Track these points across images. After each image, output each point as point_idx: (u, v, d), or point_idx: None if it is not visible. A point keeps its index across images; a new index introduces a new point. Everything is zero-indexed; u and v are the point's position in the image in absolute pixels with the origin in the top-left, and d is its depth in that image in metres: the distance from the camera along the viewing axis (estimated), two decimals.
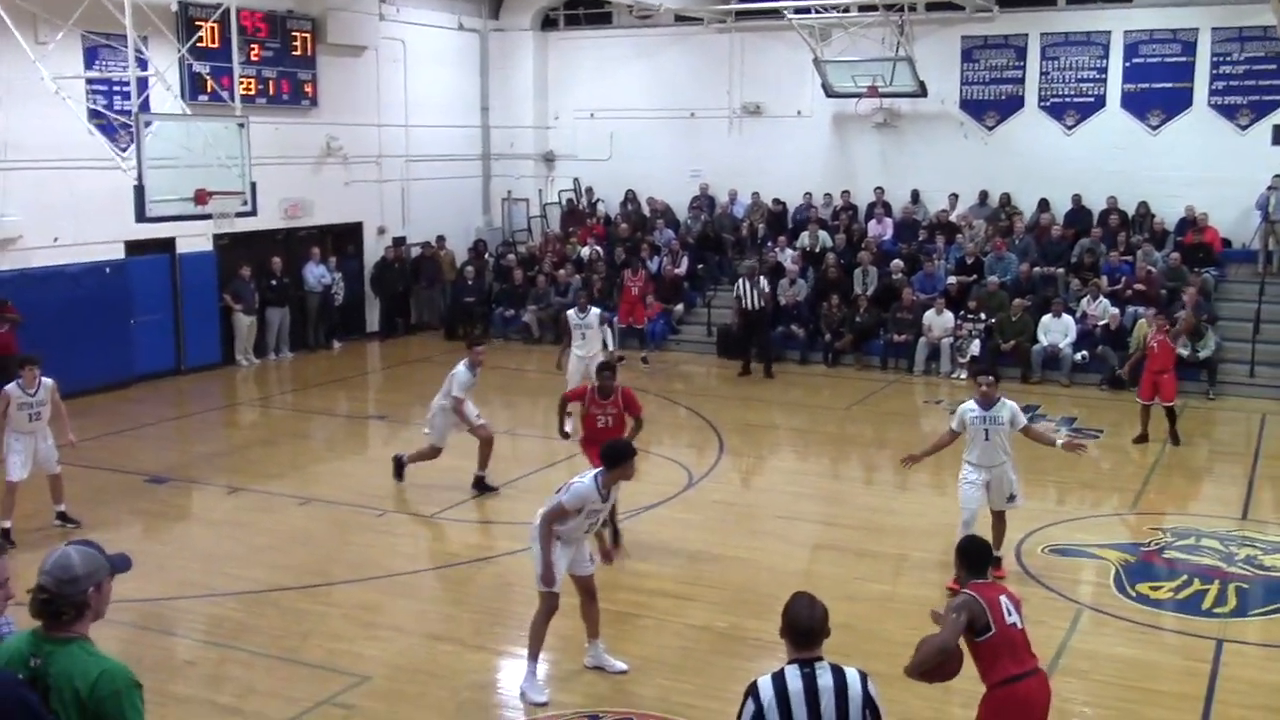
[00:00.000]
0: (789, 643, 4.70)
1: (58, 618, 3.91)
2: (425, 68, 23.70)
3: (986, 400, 10.15)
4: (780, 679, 4.55)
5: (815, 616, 4.67)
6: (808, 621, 4.66)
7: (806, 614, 4.68)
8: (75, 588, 3.91)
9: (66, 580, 3.90)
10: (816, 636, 4.66)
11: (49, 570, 3.89)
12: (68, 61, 16.24)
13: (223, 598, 9.94)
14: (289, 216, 20.90)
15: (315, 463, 14.26)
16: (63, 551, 3.96)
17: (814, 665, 4.59)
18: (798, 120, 23.82)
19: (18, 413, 11.22)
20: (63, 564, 3.91)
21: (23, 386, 11.31)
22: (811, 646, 4.65)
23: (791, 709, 4.48)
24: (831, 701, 4.50)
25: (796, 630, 4.66)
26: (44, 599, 3.89)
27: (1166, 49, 21.17)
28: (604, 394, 10.97)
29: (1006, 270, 20.24)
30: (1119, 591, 9.93)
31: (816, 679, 4.53)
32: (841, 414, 16.97)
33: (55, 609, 3.89)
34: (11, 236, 16.49)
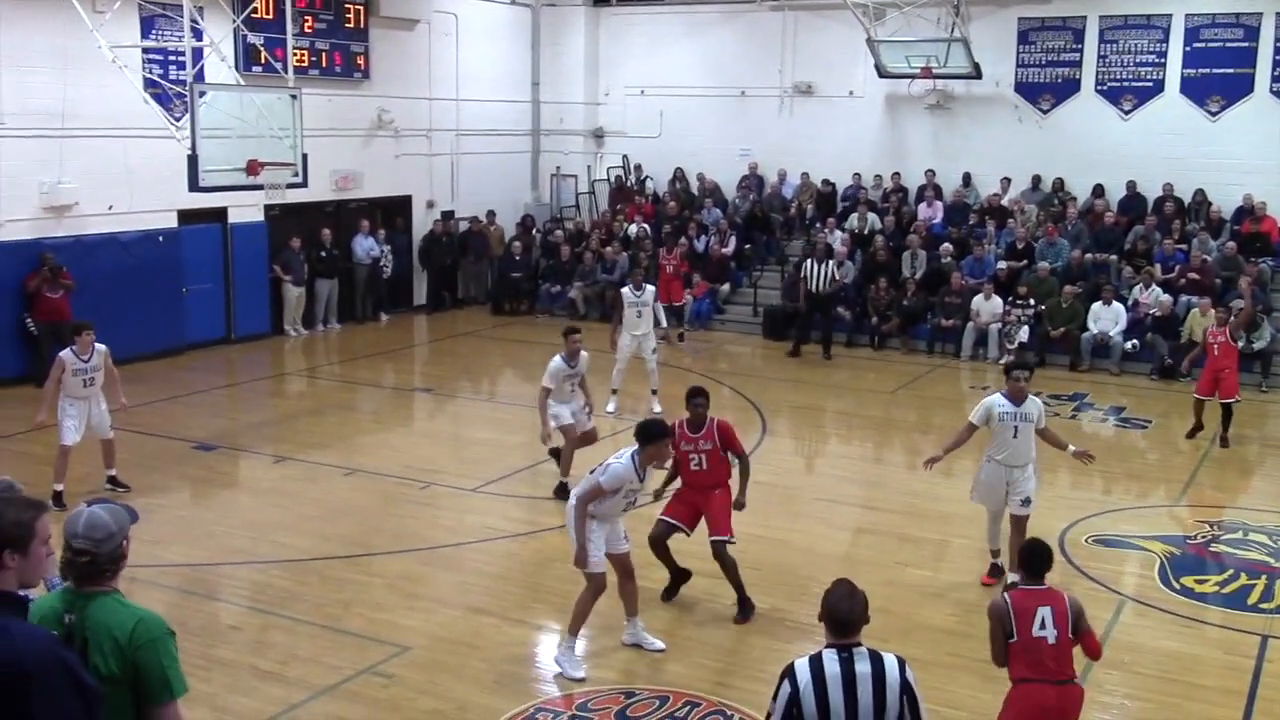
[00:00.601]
0: (828, 629, 4.72)
1: (100, 575, 3.98)
2: (477, 42, 23.72)
3: (1019, 395, 9.49)
4: (818, 662, 4.57)
5: (855, 606, 4.68)
6: (847, 612, 4.67)
7: (846, 603, 4.68)
8: (112, 543, 4.00)
9: (103, 539, 3.97)
10: (855, 625, 4.67)
11: (83, 532, 3.95)
12: (125, 31, 16.40)
13: (267, 565, 10.06)
14: (339, 188, 21.04)
15: (360, 434, 14.39)
16: (90, 511, 4.02)
17: (852, 651, 4.60)
18: (849, 100, 23.63)
19: (72, 379, 11.38)
20: (95, 523, 3.98)
21: (77, 353, 11.47)
22: (850, 634, 4.66)
23: (828, 693, 4.49)
24: (869, 688, 4.50)
25: (835, 619, 4.67)
26: (86, 560, 3.95)
27: (1229, 34, 20.77)
28: (695, 426, 9.25)
29: (1058, 256, 20.01)
30: (1164, 584, 9.83)
31: (854, 664, 4.54)
32: (886, 398, 16.88)
33: (99, 568, 3.97)
34: (67, 204, 16.72)
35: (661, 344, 17.40)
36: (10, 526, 3.65)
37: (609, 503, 8.06)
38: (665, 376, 17.97)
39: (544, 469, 12.89)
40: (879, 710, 4.51)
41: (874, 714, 4.51)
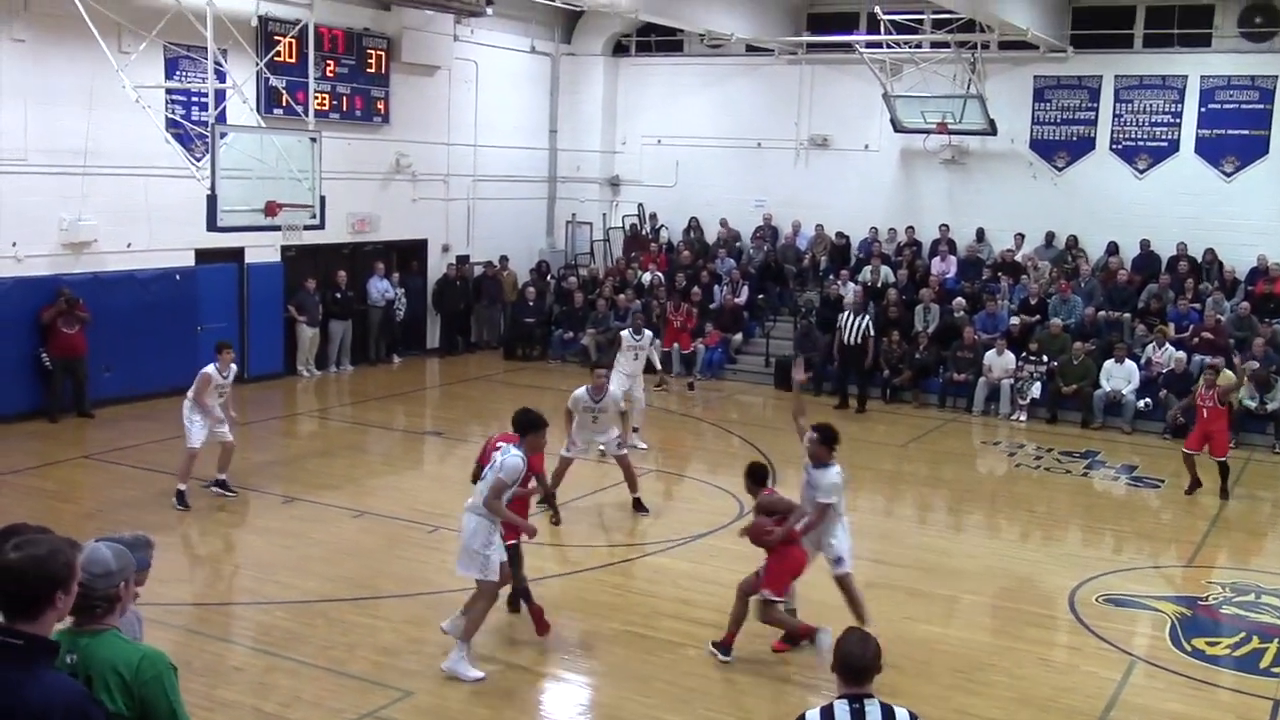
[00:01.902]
0: (840, 678, 4.67)
1: (90, 611, 3.99)
2: (496, 89, 23.95)
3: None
4: (829, 713, 4.55)
5: (867, 653, 4.66)
6: (859, 658, 4.64)
7: (859, 650, 4.66)
8: (108, 582, 4.01)
9: (100, 575, 3.99)
10: (868, 673, 4.64)
11: (84, 566, 3.96)
12: (149, 71, 16.63)
13: (273, 606, 10.04)
14: (356, 231, 21.18)
15: (370, 476, 14.38)
16: (93, 547, 4.05)
17: (863, 701, 4.57)
18: (865, 154, 23.77)
19: (213, 392, 12.65)
20: (95, 559, 4.01)
21: (219, 369, 12.71)
22: (862, 683, 4.63)
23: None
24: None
25: (848, 666, 4.64)
26: (79, 594, 3.96)
27: (1243, 95, 20.87)
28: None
29: (1071, 313, 20.01)
30: (1174, 645, 9.74)
31: (865, 715, 4.52)
32: (897, 451, 16.84)
33: (89, 603, 3.97)
34: (87, 240, 16.86)
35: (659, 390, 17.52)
36: (62, 568, 3.68)
37: (506, 496, 8.58)
38: (676, 425, 17.99)
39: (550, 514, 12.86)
40: None
41: None
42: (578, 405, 12.73)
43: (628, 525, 12.55)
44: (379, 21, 21.13)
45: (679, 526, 12.43)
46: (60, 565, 3.67)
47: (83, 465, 14.33)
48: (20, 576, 3.61)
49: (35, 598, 3.62)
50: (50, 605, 3.65)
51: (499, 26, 23.46)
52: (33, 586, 3.61)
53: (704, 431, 17.78)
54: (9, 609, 3.63)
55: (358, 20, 20.68)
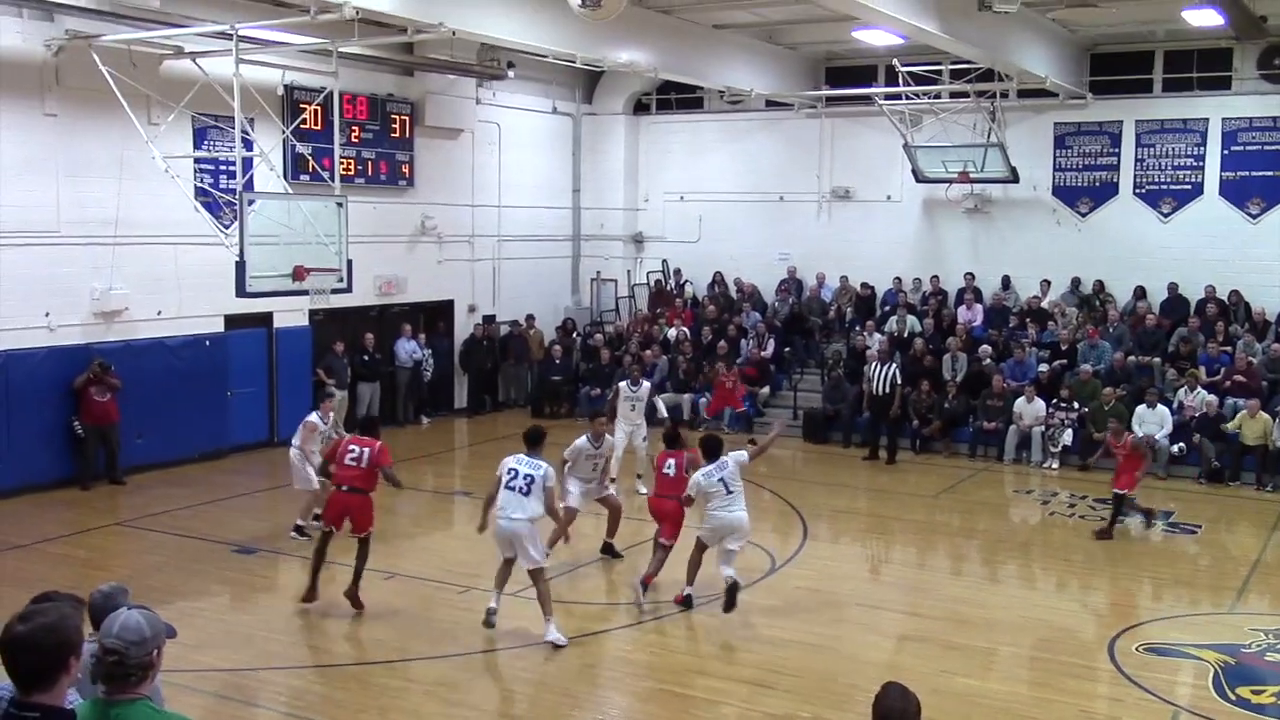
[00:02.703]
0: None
1: (126, 679, 3.97)
2: (519, 150, 24.19)
3: None
4: None
5: (909, 708, 4.56)
6: (900, 713, 4.54)
7: (900, 705, 4.56)
8: (143, 649, 3.99)
9: (136, 642, 3.97)
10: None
11: (118, 634, 3.95)
12: (178, 142, 16.89)
13: (305, 670, 10.00)
14: (383, 293, 21.33)
15: (401, 537, 14.35)
16: (127, 614, 4.03)
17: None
18: (887, 205, 23.82)
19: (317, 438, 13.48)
20: (131, 626, 3.99)
21: (321, 416, 13.69)
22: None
23: None
24: None
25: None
26: (114, 660, 3.95)
27: (1266, 137, 20.83)
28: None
29: (1100, 359, 19.88)
30: (1218, 694, 9.56)
31: None
32: (929, 502, 16.70)
33: (125, 671, 3.96)
34: (118, 309, 17.04)
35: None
36: (74, 632, 3.69)
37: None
38: None
39: (581, 573, 12.82)
40: None
41: None
42: (579, 455, 12.79)
43: (659, 582, 12.45)
44: (402, 87, 21.42)
45: (711, 582, 12.32)
46: (72, 630, 3.69)
47: (115, 532, 14.38)
48: (34, 647, 3.62)
49: (49, 667, 3.63)
50: (65, 672, 3.66)
51: (520, 89, 23.74)
52: (47, 656, 3.62)
53: None
54: (24, 682, 3.63)
55: (381, 86, 20.97)
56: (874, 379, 19.39)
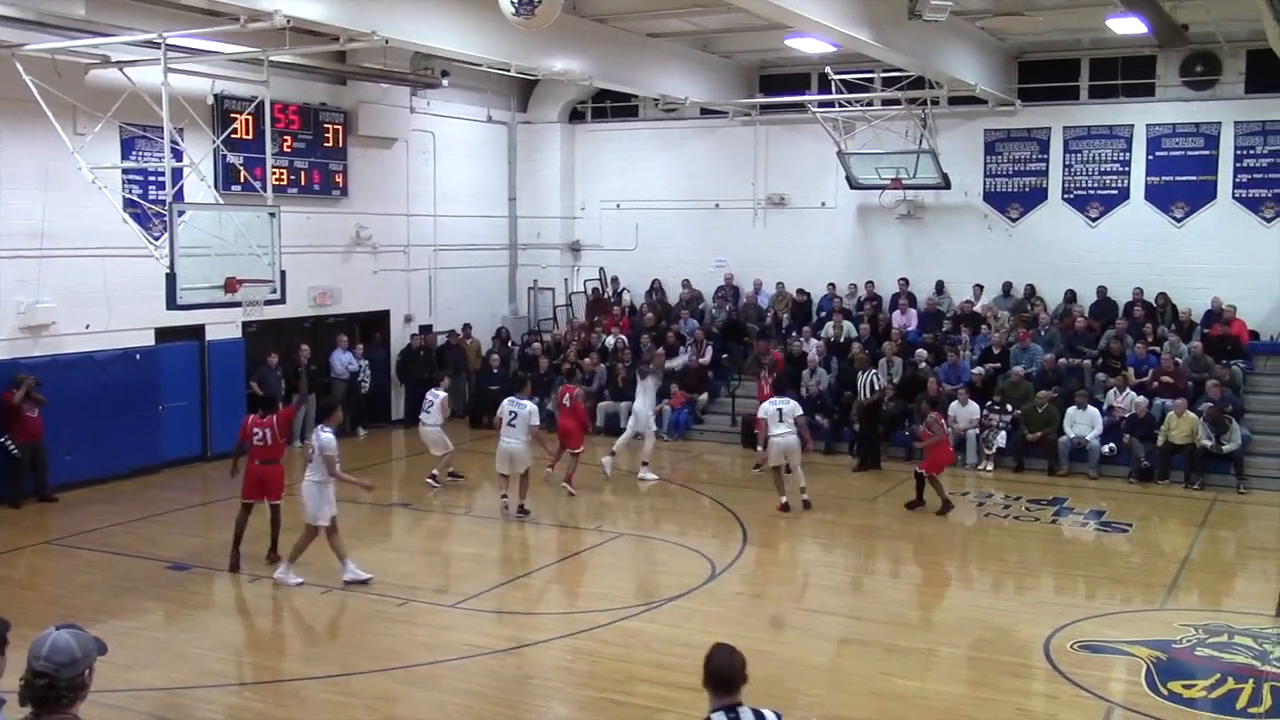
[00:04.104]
0: (712, 691, 5.03)
1: (57, 701, 3.90)
2: (454, 159, 24.08)
3: None
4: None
5: (735, 663, 5.05)
6: (728, 668, 5.02)
7: (728, 661, 5.05)
8: (74, 670, 3.93)
9: (67, 664, 3.90)
10: (737, 683, 5.03)
11: (47, 656, 3.88)
12: (105, 152, 16.60)
13: (243, 687, 9.86)
14: (317, 304, 21.12)
15: None
16: (55, 635, 3.96)
17: (738, 710, 4.96)
18: (822, 211, 24.03)
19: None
20: (61, 647, 3.92)
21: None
22: (733, 692, 5.01)
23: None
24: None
25: (719, 678, 5.03)
26: (44, 684, 3.88)
27: (1189, 142, 21.31)
28: None
29: (1031, 361, 20.19)
30: (1151, 690, 9.73)
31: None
32: (867, 506, 16.84)
33: (56, 694, 3.89)
34: (45, 323, 16.72)
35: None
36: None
37: None
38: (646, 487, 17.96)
39: (522, 583, 12.76)
40: None
41: None
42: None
43: (599, 590, 12.46)
44: (335, 96, 21.25)
45: (652, 589, 12.36)
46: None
47: (45, 551, 14.10)
48: None
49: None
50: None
51: (455, 97, 23.64)
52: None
53: (673, 493, 17.73)
54: None
55: (314, 95, 20.78)
56: (864, 388, 19.33)
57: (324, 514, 12.27)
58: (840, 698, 9.57)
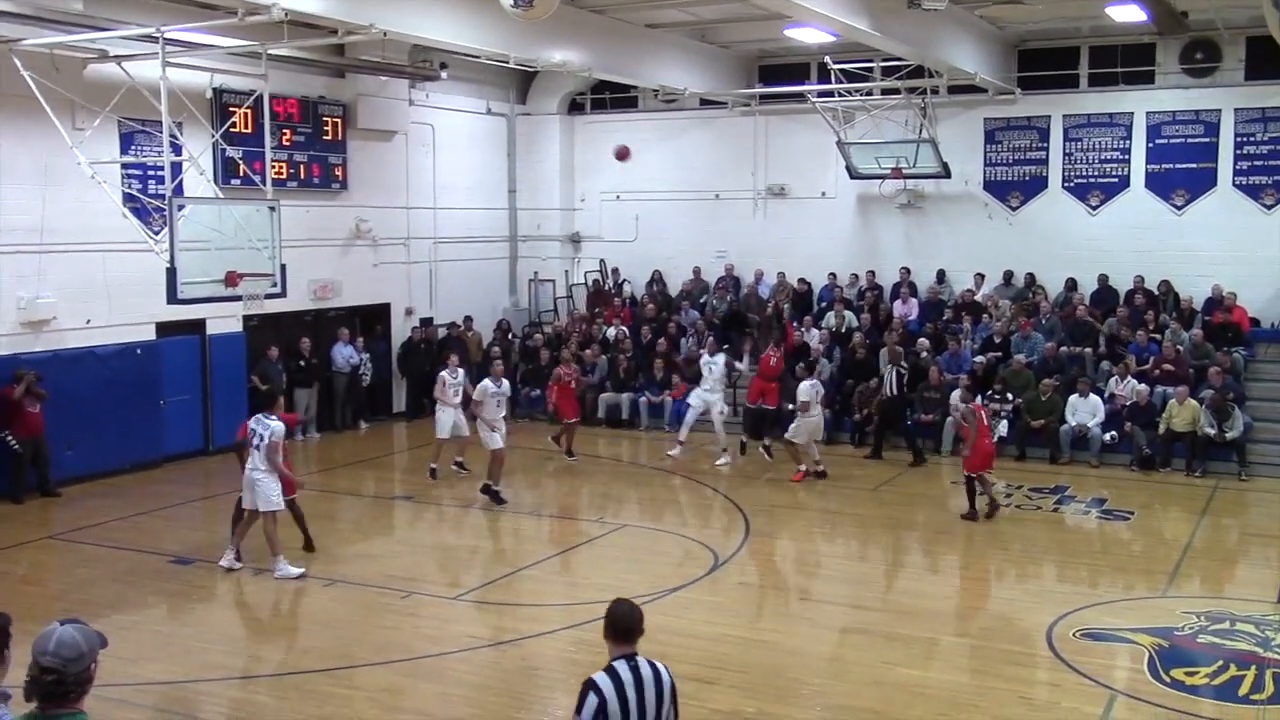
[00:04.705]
0: (613, 641, 5.35)
1: (65, 696, 3.92)
2: (454, 151, 24.06)
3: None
4: (613, 673, 5.25)
5: (635, 615, 5.38)
6: (628, 620, 5.36)
7: (627, 611, 5.38)
8: (80, 664, 3.95)
9: (73, 659, 3.92)
10: (634, 634, 5.36)
11: (53, 651, 3.90)
12: (104, 147, 16.57)
13: (246, 680, 9.88)
14: (318, 298, 21.12)
15: (340, 544, 14.22)
16: (61, 630, 3.97)
17: (635, 659, 5.31)
18: (822, 201, 24.00)
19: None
20: (65, 642, 3.94)
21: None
22: (631, 642, 5.34)
23: (627, 695, 5.22)
24: (652, 689, 5.29)
25: (619, 628, 5.35)
26: (53, 679, 3.89)
27: (1189, 130, 21.27)
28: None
29: (1033, 350, 20.18)
30: (1153, 677, 9.74)
31: (640, 670, 5.29)
32: (869, 495, 16.85)
33: (65, 689, 3.90)
34: (46, 318, 16.72)
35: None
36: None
37: None
38: (648, 478, 17.99)
39: (525, 574, 12.78)
40: (659, 708, 5.31)
41: (656, 712, 5.29)
42: (486, 394, 15.77)
43: (601, 581, 12.47)
44: (334, 89, 21.22)
45: (654, 580, 12.36)
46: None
47: (48, 546, 14.10)
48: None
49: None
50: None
51: (454, 90, 23.62)
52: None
53: (676, 484, 17.75)
54: None
55: (313, 89, 20.76)
56: (890, 383, 19.08)
57: (277, 498, 12.50)
58: (843, 687, 9.59)
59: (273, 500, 12.46)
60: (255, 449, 12.40)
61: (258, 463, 12.41)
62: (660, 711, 5.31)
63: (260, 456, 12.37)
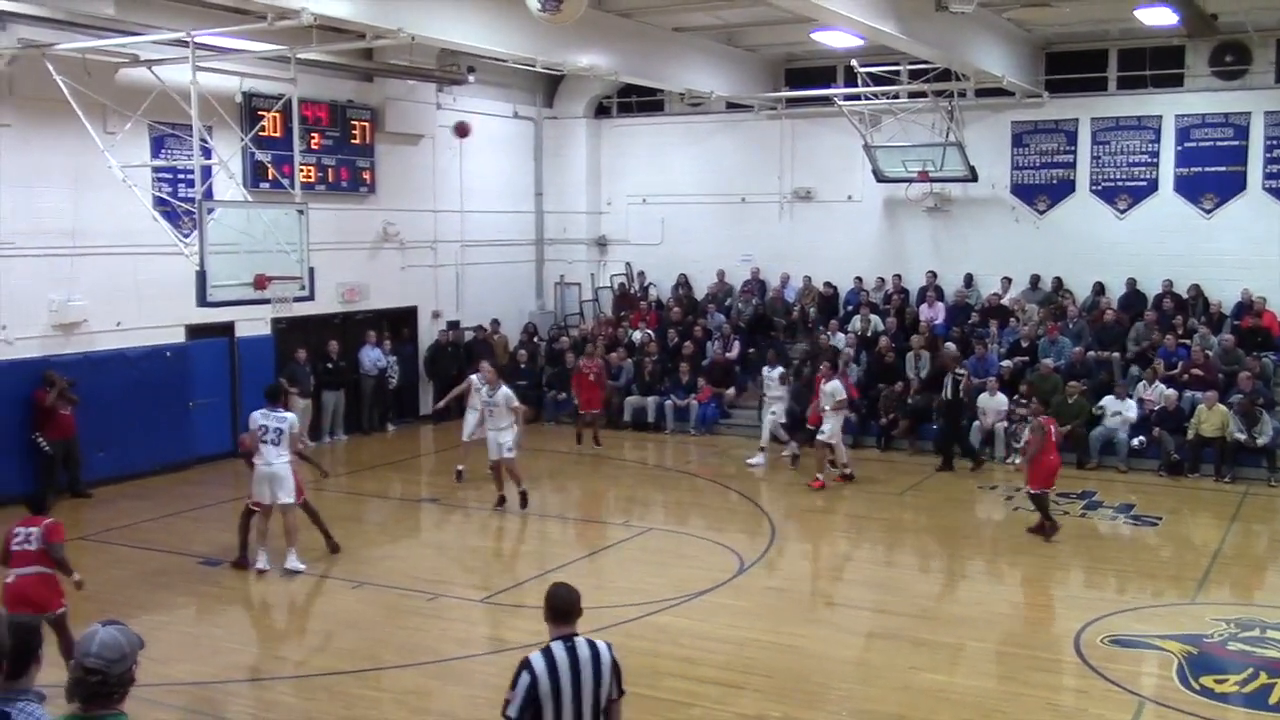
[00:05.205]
0: (551, 622, 5.60)
1: (109, 697, 3.97)
2: (481, 155, 24.14)
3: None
4: (549, 653, 5.51)
5: (573, 598, 5.63)
6: (566, 602, 5.61)
7: (565, 593, 5.64)
8: (123, 665, 3.99)
9: (116, 659, 3.97)
10: (572, 615, 5.61)
11: (96, 652, 3.94)
12: (135, 151, 16.72)
13: (274, 681, 9.95)
14: (346, 301, 21.24)
15: (367, 546, 14.30)
16: (104, 631, 4.02)
17: (573, 640, 5.54)
18: (848, 205, 23.95)
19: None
20: (109, 643, 3.98)
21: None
22: (569, 623, 5.58)
23: (559, 675, 5.44)
24: (589, 668, 5.51)
25: (557, 609, 5.60)
26: (98, 680, 3.94)
27: (1219, 133, 21.11)
28: None
29: (1060, 354, 20.08)
30: (1182, 684, 9.68)
31: (577, 651, 5.51)
32: (895, 499, 16.80)
33: (109, 689, 3.95)
34: (77, 320, 16.88)
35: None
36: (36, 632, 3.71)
37: None
38: (673, 482, 18.00)
39: (551, 577, 12.76)
40: (596, 686, 5.50)
41: (593, 690, 5.49)
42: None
43: (627, 585, 12.49)
44: (362, 93, 21.34)
45: (680, 584, 12.38)
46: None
47: (79, 547, 14.14)
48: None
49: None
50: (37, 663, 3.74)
51: (481, 93, 23.70)
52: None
53: (701, 487, 17.75)
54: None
55: (341, 93, 20.88)
56: (947, 388, 18.64)
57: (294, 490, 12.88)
58: (869, 691, 9.57)
59: (294, 491, 12.82)
60: (270, 443, 12.65)
61: (273, 456, 12.66)
62: (599, 691, 5.51)
63: (276, 451, 12.64)
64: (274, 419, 12.82)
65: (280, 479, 12.72)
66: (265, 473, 12.73)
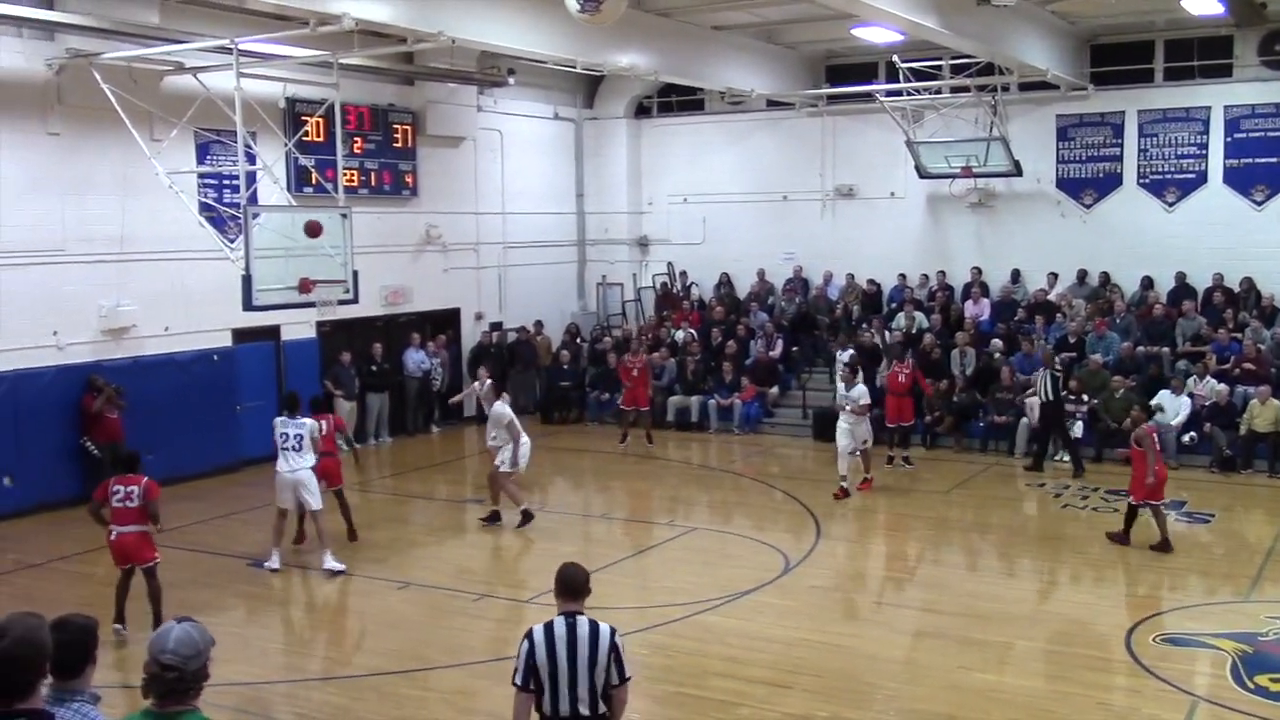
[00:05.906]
0: (559, 598, 5.89)
1: (185, 693, 4.01)
2: (522, 156, 24.22)
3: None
4: (550, 627, 5.78)
5: (580, 575, 5.96)
6: (574, 580, 5.91)
7: (573, 571, 5.96)
8: (198, 661, 4.05)
9: (191, 655, 4.01)
10: (579, 593, 5.91)
11: (173, 649, 3.98)
12: (181, 158, 16.93)
13: (322, 682, 10.01)
14: (389, 303, 21.37)
15: (413, 546, 14.37)
16: (180, 628, 4.06)
17: (576, 617, 5.80)
18: (891, 202, 23.81)
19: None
20: (185, 639, 4.02)
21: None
22: (576, 600, 5.87)
23: (556, 647, 5.72)
24: (586, 645, 5.73)
25: (566, 586, 5.89)
26: (175, 676, 3.97)
27: (1269, 123, 20.77)
28: None
29: (1109, 350, 19.84)
30: (1236, 683, 9.53)
31: (577, 629, 5.76)
32: (942, 498, 16.67)
33: (185, 685, 3.99)
34: (125, 326, 17.09)
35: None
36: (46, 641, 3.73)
37: None
38: (717, 481, 17.95)
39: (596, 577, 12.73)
40: (592, 666, 5.70)
41: (589, 667, 5.70)
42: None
43: (672, 585, 12.47)
44: (403, 97, 21.45)
45: (725, 583, 12.34)
46: (45, 639, 3.72)
47: None
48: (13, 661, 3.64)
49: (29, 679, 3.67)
50: (42, 678, 3.72)
51: (521, 95, 23.76)
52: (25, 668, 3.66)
53: (746, 486, 17.69)
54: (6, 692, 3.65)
55: (383, 97, 21.01)
56: (1044, 387, 18.07)
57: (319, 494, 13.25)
58: (917, 691, 9.49)
59: (319, 496, 13.23)
60: (293, 450, 13.00)
61: (296, 463, 12.98)
62: (593, 670, 5.70)
63: (298, 457, 12.98)
64: (293, 425, 13.10)
65: (304, 484, 12.98)
66: (289, 479, 12.96)
